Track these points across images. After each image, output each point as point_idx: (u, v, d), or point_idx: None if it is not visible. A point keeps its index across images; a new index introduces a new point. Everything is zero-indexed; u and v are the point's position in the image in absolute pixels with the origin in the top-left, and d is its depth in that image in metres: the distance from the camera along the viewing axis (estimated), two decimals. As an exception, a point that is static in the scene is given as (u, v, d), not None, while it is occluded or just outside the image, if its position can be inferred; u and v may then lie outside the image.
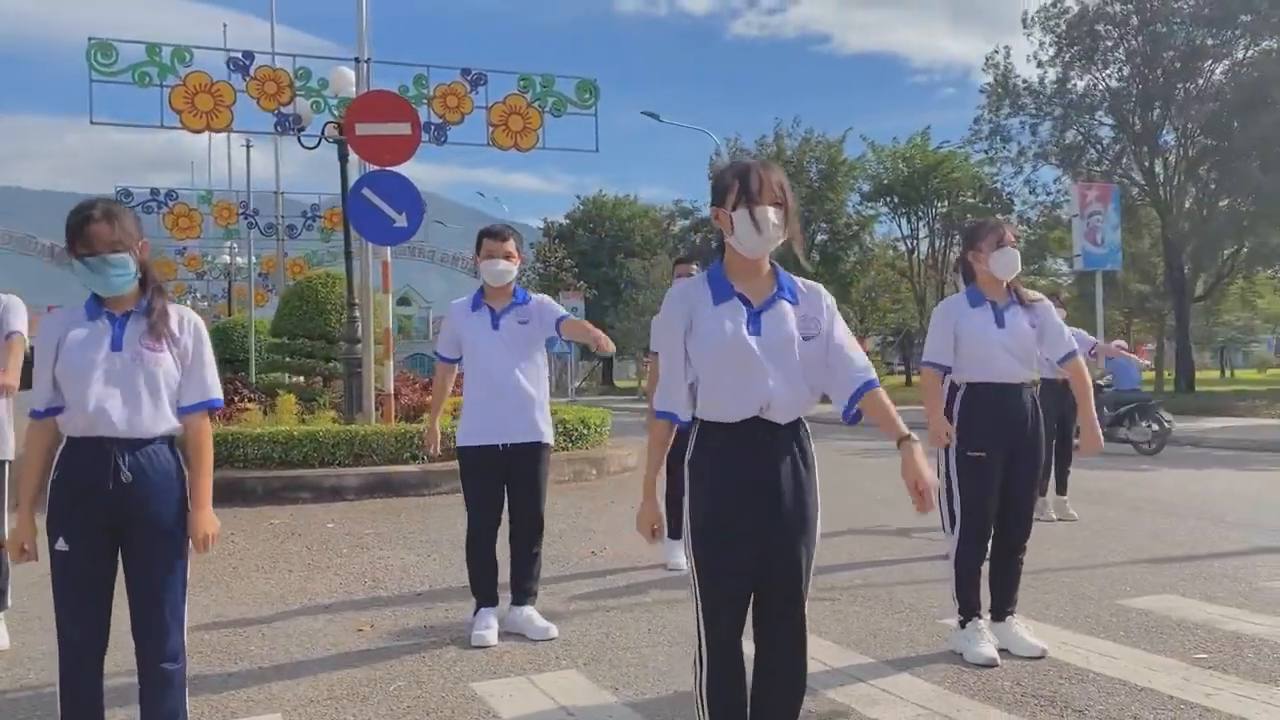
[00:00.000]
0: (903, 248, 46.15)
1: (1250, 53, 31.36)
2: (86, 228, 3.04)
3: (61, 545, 3.06)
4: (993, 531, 4.63)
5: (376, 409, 11.92)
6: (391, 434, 10.73)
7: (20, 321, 5.01)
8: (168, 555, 3.14)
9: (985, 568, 4.70)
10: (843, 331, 2.99)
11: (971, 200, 39.08)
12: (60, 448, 3.12)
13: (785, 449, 2.88)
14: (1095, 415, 4.75)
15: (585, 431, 12.27)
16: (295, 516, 9.10)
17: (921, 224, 44.01)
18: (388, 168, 11.14)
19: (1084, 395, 4.76)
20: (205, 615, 5.54)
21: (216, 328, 26.15)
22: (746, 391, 2.83)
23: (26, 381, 3.52)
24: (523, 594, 5.10)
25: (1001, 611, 4.63)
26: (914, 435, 2.85)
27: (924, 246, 44.65)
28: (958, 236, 40.68)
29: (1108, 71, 33.72)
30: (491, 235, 5.03)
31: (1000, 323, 4.54)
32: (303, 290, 16.34)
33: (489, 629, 4.89)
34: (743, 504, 2.84)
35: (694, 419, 2.95)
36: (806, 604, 2.93)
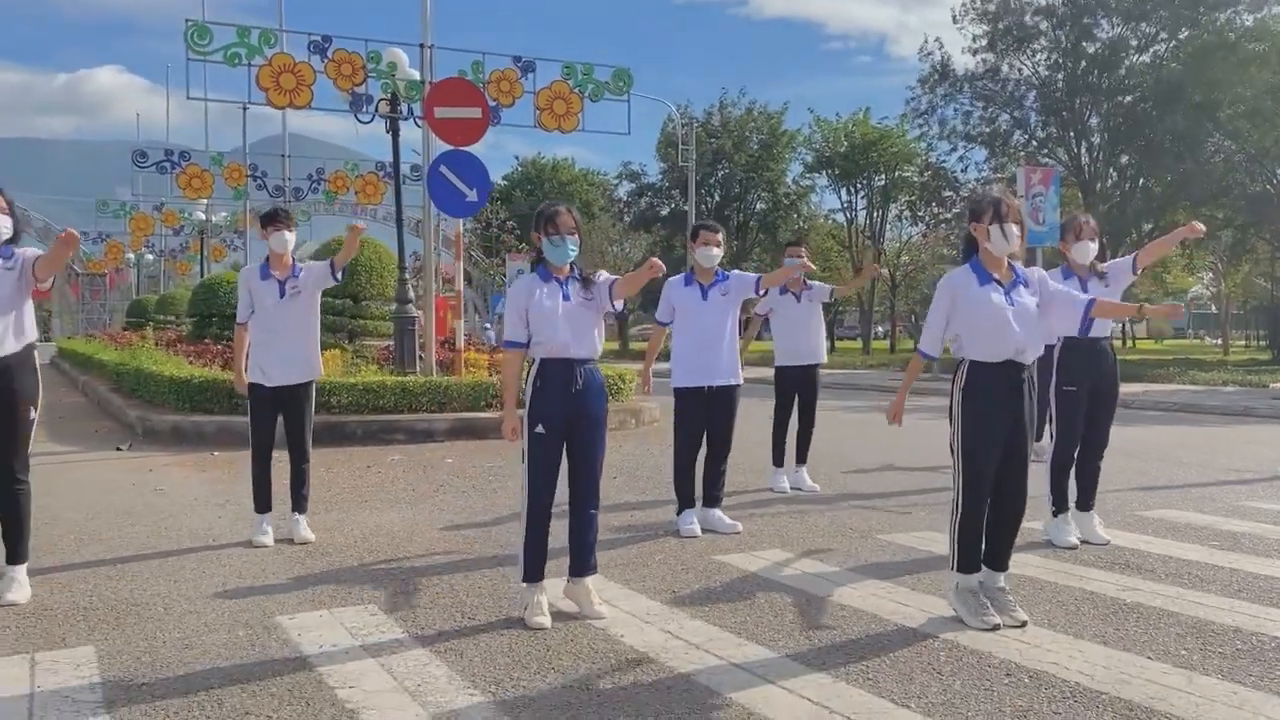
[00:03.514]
0: (840, 218, 48.26)
1: (1169, 46, 33.91)
2: (558, 218, 4.57)
3: (540, 430, 4.59)
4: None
5: (438, 363, 13.29)
6: (469, 384, 12.14)
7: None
8: (600, 438, 4.72)
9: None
10: (1055, 286, 4.70)
11: (916, 178, 41.22)
12: (534, 366, 4.63)
13: (1026, 381, 4.55)
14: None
15: (621, 386, 13.80)
16: (408, 455, 10.49)
17: (860, 195, 46.12)
18: (460, 147, 12.44)
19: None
20: (442, 519, 7.02)
21: (204, 283, 26.84)
22: (1005, 342, 4.50)
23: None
24: (714, 499, 6.69)
25: (1087, 503, 6.34)
26: (1146, 305, 4.90)
27: (861, 217, 46.80)
28: (901, 208, 42.82)
29: (1037, 59, 36.10)
30: (707, 228, 6.62)
31: (1085, 291, 6.23)
32: (331, 252, 17.43)
33: (694, 524, 6.49)
34: (999, 416, 4.50)
35: (964, 359, 4.57)
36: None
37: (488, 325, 36.72)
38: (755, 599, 5.00)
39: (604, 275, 4.77)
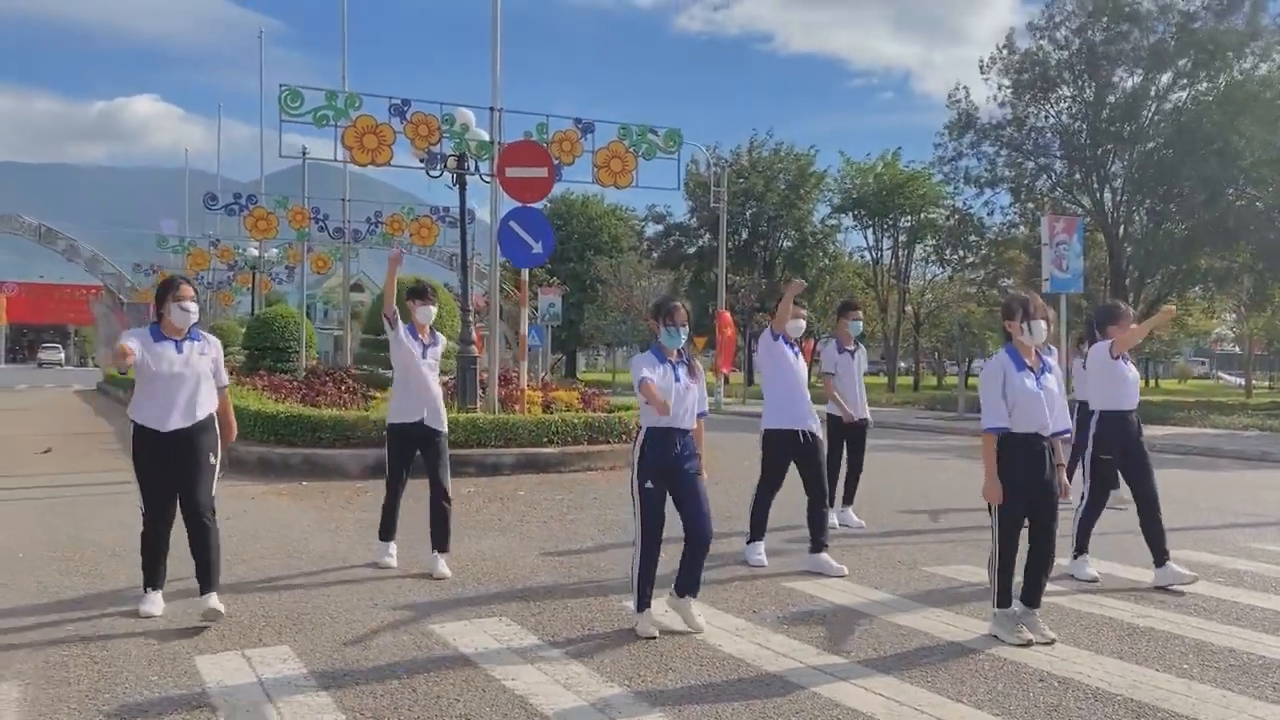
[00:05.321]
0: (866, 257, 49.29)
1: (1189, 95, 34.84)
2: (675, 313, 5.58)
3: (649, 485, 5.55)
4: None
5: (500, 400, 14.29)
6: (533, 421, 13.13)
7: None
8: (700, 486, 5.65)
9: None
10: (1060, 389, 5.60)
11: (943, 221, 42.24)
12: (642, 432, 5.59)
13: (1047, 448, 5.49)
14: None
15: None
16: (480, 487, 11.46)
17: (886, 236, 47.15)
18: (528, 204, 13.51)
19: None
20: (534, 547, 7.98)
21: (259, 317, 28.03)
22: (1035, 419, 5.45)
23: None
24: (820, 545, 7.33)
25: (1161, 558, 6.97)
26: (1064, 464, 5.57)
27: (888, 257, 47.79)
28: (928, 250, 43.69)
29: (1059, 109, 37.09)
30: (797, 303, 7.57)
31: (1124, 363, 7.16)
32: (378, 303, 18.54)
33: (762, 555, 7.43)
34: (1028, 477, 5.45)
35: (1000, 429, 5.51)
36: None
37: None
38: (826, 619, 5.95)
39: (700, 367, 5.79)
